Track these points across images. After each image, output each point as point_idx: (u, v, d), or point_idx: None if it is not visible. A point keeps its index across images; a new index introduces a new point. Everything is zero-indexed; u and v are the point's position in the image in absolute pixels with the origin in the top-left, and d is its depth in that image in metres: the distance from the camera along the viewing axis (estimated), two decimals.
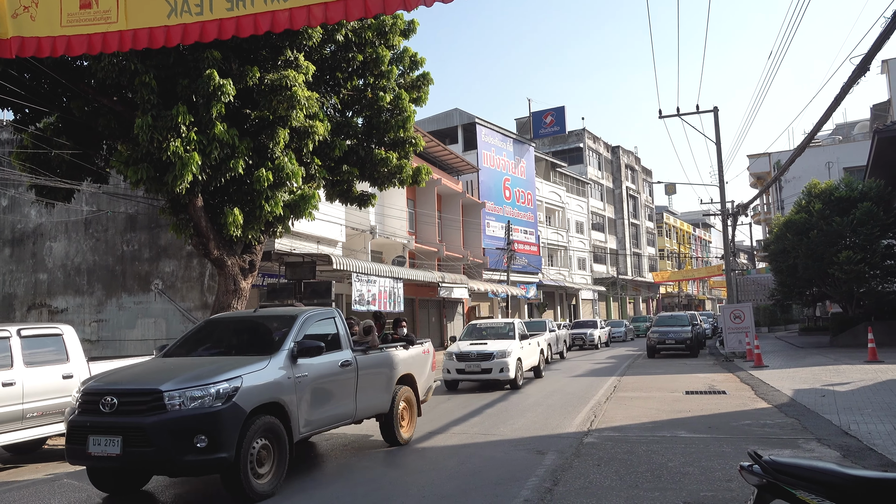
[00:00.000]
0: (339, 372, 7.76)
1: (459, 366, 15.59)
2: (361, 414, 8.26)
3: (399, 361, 9.14)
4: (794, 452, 7.57)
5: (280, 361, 6.89)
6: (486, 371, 15.21)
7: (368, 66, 13.77)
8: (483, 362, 15.27)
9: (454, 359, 15.74)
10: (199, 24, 4.48)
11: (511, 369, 15.17)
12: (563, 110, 54.17)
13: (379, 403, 8.59)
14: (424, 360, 10.03)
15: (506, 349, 15.48)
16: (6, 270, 21.73)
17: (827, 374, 14.69)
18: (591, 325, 33.88)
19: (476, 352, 15.57)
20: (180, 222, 12.75)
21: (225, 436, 6.02)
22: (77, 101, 12.07)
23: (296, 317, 7.74)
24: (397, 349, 9.27)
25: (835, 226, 21.50)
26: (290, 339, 7.24)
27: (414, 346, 9.79)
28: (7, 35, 4.72)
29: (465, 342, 16.65)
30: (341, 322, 8.32)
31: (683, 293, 78.10)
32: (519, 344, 16.34)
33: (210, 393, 6.10)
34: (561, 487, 6.47)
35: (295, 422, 6.86)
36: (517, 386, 15.43)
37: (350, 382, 7.93)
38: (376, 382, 8.54)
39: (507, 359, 15.25)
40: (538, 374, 18.02)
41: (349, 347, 8.14)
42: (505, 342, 16.04)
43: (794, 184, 37.39)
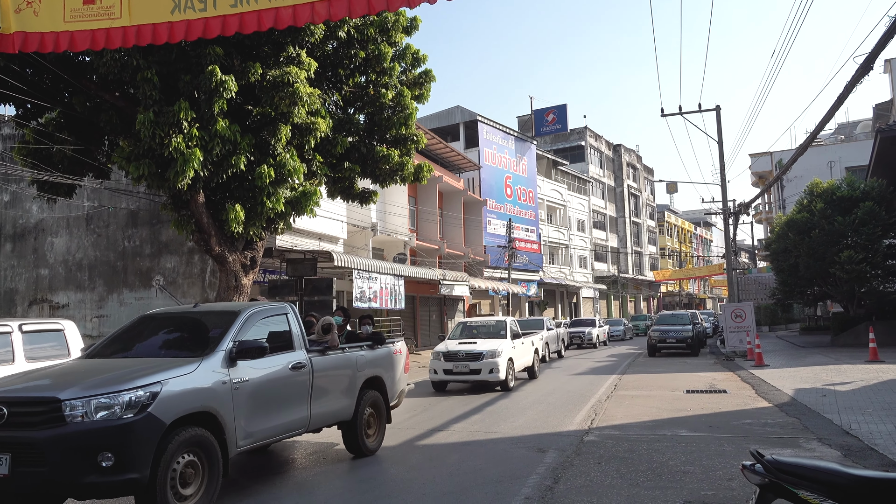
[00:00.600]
0: (290, 375, 6.93)
1: (447, 366, 14.73)
2: (318, 422, 7.47)
3: (364, 363, 8.34)
4: (795, 452, 7.57)
5: (214, 364, 6.07)
6: (475, 372, 14.41)
7: (370, 62, 13.77)
8: (471, 362, 14.46)
9: (441, 358, 14.87)
10: (202, 20, 4.47)
11: (501, 370, 14.41)
12: (564, 108, 54.13)
13: (339, 410, 7.80)
14: (395, 362, 9.17)
15: (496, 349, 14.68)
16: (7, 265, 21.75)
17: (828, 374, 14.68)
18: (590, 324, 33.10)
19: (464, 351, 14.74)
20: (182, 218, 12.75)
21: (136, 453, 5.19)
22: (79, 96, 12.07)
23: (237, 313, 6.88)
24: (363, 349, 8.49)
25: (836, 225, 21.48)
26: (227, 338, 6.39)
27: (383, 346, 8.96)
28: (10, 30, 4.72)
29: (453, 341, 15.83)
30: (295, 319, 7.47)
31: (684, 292, 78.08)
32: (511, 343, 15.61)
33: (120, 402, 5.23)
34: (562, 485, 6.47)
35: (231, 434, 6.04)
36: (508, 388, 14.64)
37: (303, 387, 7.11)
38: (336, 387, 7.76)
39: (497, 359, 14.44)
40: (532, 375, 17.22)
41: (303, 348, 7.32)
42: (495, 341, 15.25)
43: (795, 183, 37.36)
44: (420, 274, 26.30)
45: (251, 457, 8.40)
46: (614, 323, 39.57)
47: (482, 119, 40.27)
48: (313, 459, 8.31)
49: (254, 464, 8.17)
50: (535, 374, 17.30)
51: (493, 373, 14.30)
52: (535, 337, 18.55)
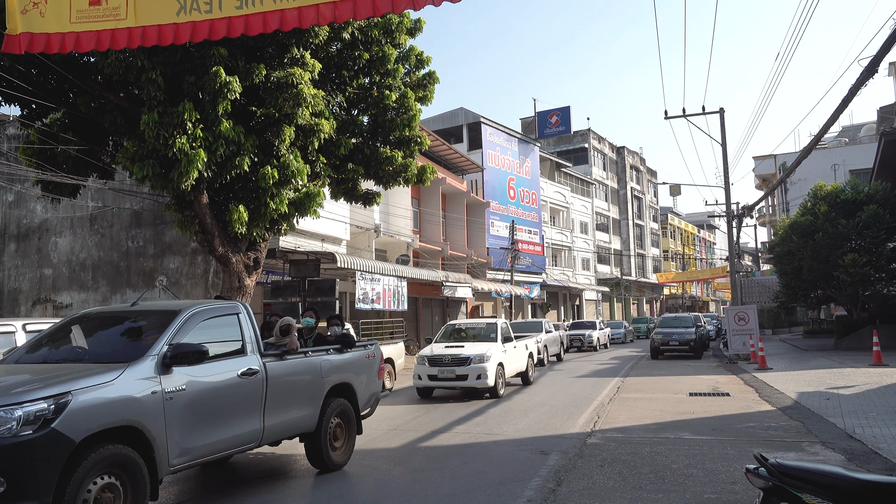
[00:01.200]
0: (238, 383, 6.20)
1: (431, 371, 13.83)
2: (274, 434, 6.76)
3: (331, 368, 7.63)
4: (798, 455, 7.55)
5: (143, 370, 5.35)
6: (462, 378, 13.55)
7: (374, 64, 13.79)
8: (458, 367, 13.60)
9: (426, 363, 13.99)
10: (208, 21, 4.49)
11: (490, 376, 13.53)
12: (568, 110, 54.13)
13: (300, 420, 7.07)
14: (367, 367, 8.46)
15: (484, 353, 13.76)
16: (11, 265, 21.81)
17: (831, 377, 14.65)
18: (590, 326, 32.44)
19: (450, 356, 13.84)
20: (185, 219, 12.78)
21: (35, 476, 4.45)
22: (84, 97, 12.11)
23: (177, 312, 6.10)
24: (329, 353, 7.79)
25: (840, 228, 21.43)
26: (161, 341, 5.66)
27: (353, 350, 8.25)
28: (16, 31, 4.74)
29: (439, 345, 14.88)
30: (247, 320, 6.71)
31: (687, 294, 77.99)
32: (501, 347, 14.69)
33: (15, 417, 4.47)
34: (564, 488, 6.47)
35: (161, 451, 5.32)
36: (497, 395, 13.79)
37: (254, 396, 6.39)
38: (295, 395, 7.01)
39: (485, 364, 13.57)
40: (526, 381, 16.36)
41: (256, 352, 6.58)
42: (484, 345, 14.34)
43: (799, 186, 37.32)
44: (423, 275, 26.30)
45: (255, 458, 8.40)
46: (615, 325, 39.05)
47: (486, 121, 40.28)
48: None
49: (254, 468, 8.17)
50: (529, 380, 16.46)
51: (480, 379, 13.47)
52: (530, 340, 17.65)
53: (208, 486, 7.24)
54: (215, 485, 7.31)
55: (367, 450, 8.87)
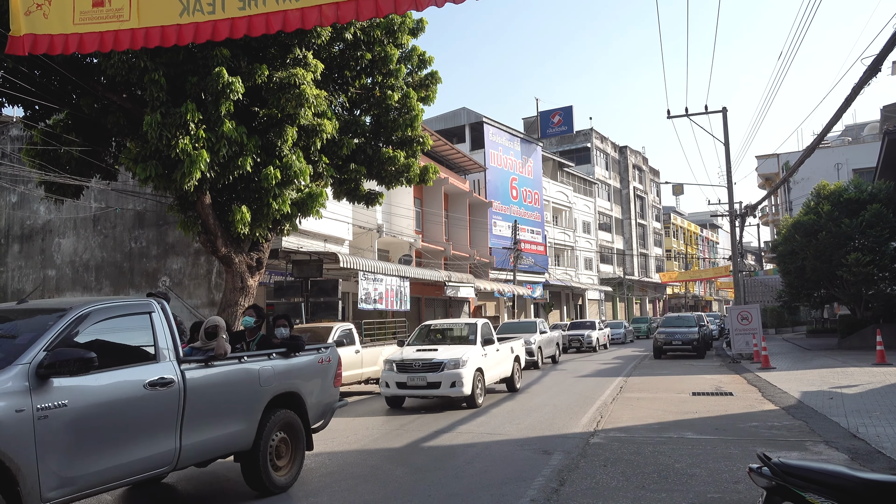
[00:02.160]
0: (144, 396, 5.18)
1: (400, 378, 12.41)
2: (195, 455, 5.78)
3: (272, 376, 6.63)
4: (801, 455, 7.54)
5: (6, 382, 4.36)
6: (433, 385, 12.17)
7: (377, 64, 13.81)
8: (429, 374, 12.19)
9: (394, 369, 12.56)
10: (211, 22, 4.50)
11: (466, 383, 12.14)
12: (570, 110, 54.11)
13: (231, 437, 6.10)
14: (319, 373, 7.49)
15: (460, 357, 12.38)
16: (15, 266, 21.86)
17: (835, 377, 14.62)
18: (590, 327, 31.48)
19: (421, 361, 12.44)
20: (188, 220, 12.80)
21: None
22: (87, 98, 12.15)
23: (65, 311, 5.11)
24: (272, 358, 6.78)
25: (844, 227, 21.40)
26: (37, 346, 4.66)
27: (303, 354, 7.26)
28: (20, 32, 4.75)
29: (410, 348, 13.50)
30: (163, 320, 5.72)
31: (690, 294, 77.91)
32: (481, 350, 13.29)
33: None
34: (567, 488, 6.46)
35: (29, 484, 4.31)
36: (475, 405, 12.41)
37: (167, 410, 5.40)
38: (224, 407, 6.03)
39: (460, 370, 12.16)
40: (512, 388, 14.91)
41: (173, 358, 5.59)
42: (461, 349, 12.96)
43: (802, 185, 37.25)
44: (425, 275, 26.32)
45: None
46: (614, 325, 38.18)
47: (488, 121, 40.28)
48: (318, 460, 8.32)
49: None
50: (515, 387, 14.95)
51: (455, 387, 12.08)
52: (516, 342, 16.06)
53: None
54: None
55: (370, 449, 8.88)
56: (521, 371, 15.73)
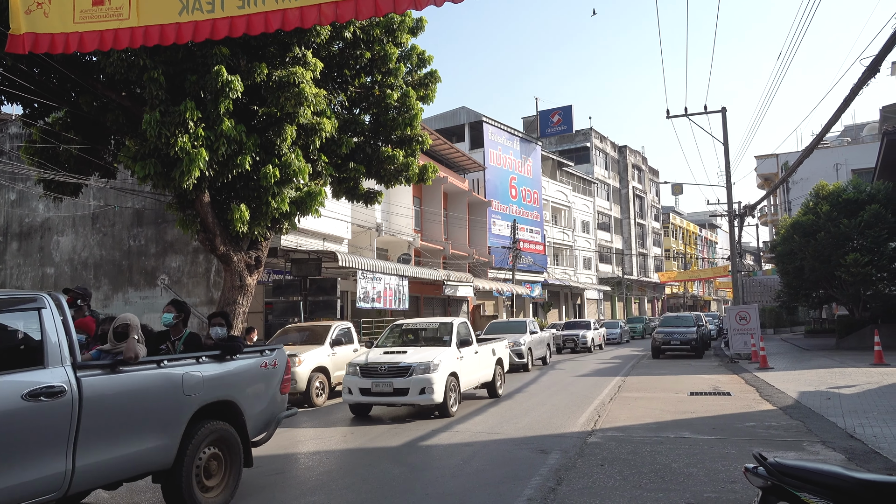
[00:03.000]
0: (23, 409, 4.33)
1: (364, 384, 11.25)
2: (95, 478, 4.90)
3: (199, 382, 5.75)
4: (798, 455, 7.56)
5: None
6: (401, 392, 11.03)
7: (376, 63, 13.81)
8: (396, 379, 11.05)
9: (358, 373, 11.41)
10: (210, 21, 4.51)
11: (437, 390, 10.99)
12: (570, 109, 54.15)
13: (145, 455, 5.25)
14: (262, 379, 6.65)
15: (431, 360, 11.19)
16: (14, 264, 21.85)
17: (832, 377, 14.65)
18: (584, 326, 30.47)
19: (387, 364, 11.26)
20: (187, 218, 12.81)
21: None
22: (86, 96, 12.15)
23: None
24: (201, 362, 5.87)
25: (842, 228, 21.42)
26: None
27: (241, 357, 6.40)
28: (20, 31, 4.76)
29: (378, 350, 12.37)
30: (55, 318, 4.78)
31: (689, 294, 77.96)
32: (456, 353, 12.10)
33: None
34: (564, 487, 6.48)
35: None
36: (447, 413, 11.27)
37: (55, 425, 4.53)
38: (135, 420, 5.20)
39: (430, 375, 11.03)
40: (493, 393, 13.76)
41: (66, 363, 4.69)
42: (433, 350, 11.80)
43: (801, 185, 37.28)
44: (424, 274, 26.33)
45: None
46: (610, 325, 37.40)
47: (487, 120, 40.29)
48: (317, 458, 8.33)
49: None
50: (496, 392, 13.79)
51: (425, 393, 10.95)
52: (499, 344, 14.76)
53: None
54: None
55: (367, 448, 8.89)
56: (503, 375, 14.51)
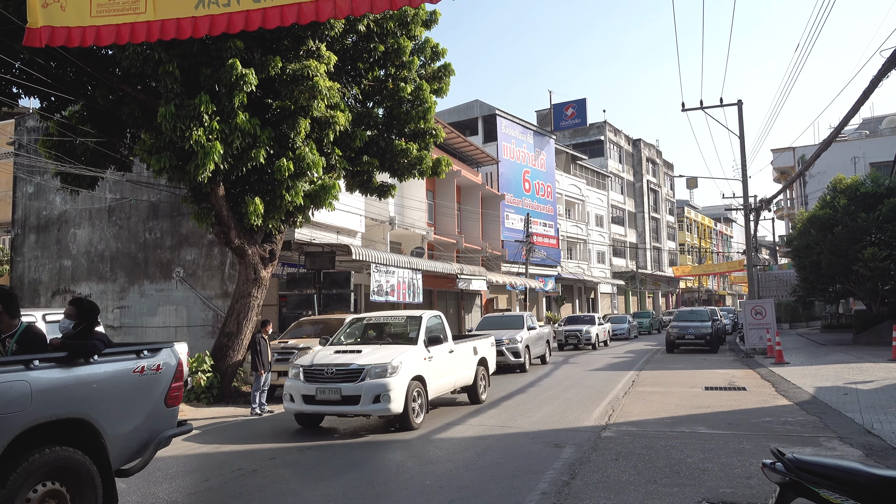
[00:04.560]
0: None
1: (307, 389, 9.43)
2: None
3: (26, 396, 4.35)
4: (815, 451, 7.50)
5: None
6: (350, 400, 9.18)
7: (390, 56, 13.79)
8: (345, 384, 9.21)
9: (301, 377, 9.64)
10: (226, 15, 4.51)
11: (395, 397, 9.18)
12: (584, 102, 53.84)
13: None
14: (134, 390, 5.33)
15: (389, 362, 9.37)
16: (32, 256, 22.09)
17: (850, 372, 14.52)
18: (588, 321, 28.14)
19: (335, 367, 9.45)
20: (202, 211, 12.87)
21: None
22: (102, 89, 12.23)
23: None
24: (33, 367, 4.49)
25: (860, 222, 21.19)
26: None
27: (102, 361, 5.07)
28: (37, 24, 4.79)
29: (329, 349, 10.47)
30: None
31: (703, 288, 77.50)
32: (423, 352, 10.29)
33: None
34: (578, 481, 6.47)
35: None
36: (410, 426, 9.53)
37: None
38: None
39: (386, 380, 9.18)
40: (475, 399, 12.15)
41: None
42: (394, 349, 10.01)
43: (818, 179, 36.89)
44: (437, 268, 26.34)
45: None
46: (617, 320, 35.26)
47: (501, 113, 40.15)
48: (328, 452, 8.37)
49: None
50: (478, 398, 12.18)
51: (380, 402, 9.12)
52: (482, 341, 12.98)
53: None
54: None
55: (381, 441, 8.92)
56: (488, 377, 12.88)
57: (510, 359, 17.68)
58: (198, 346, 16.14)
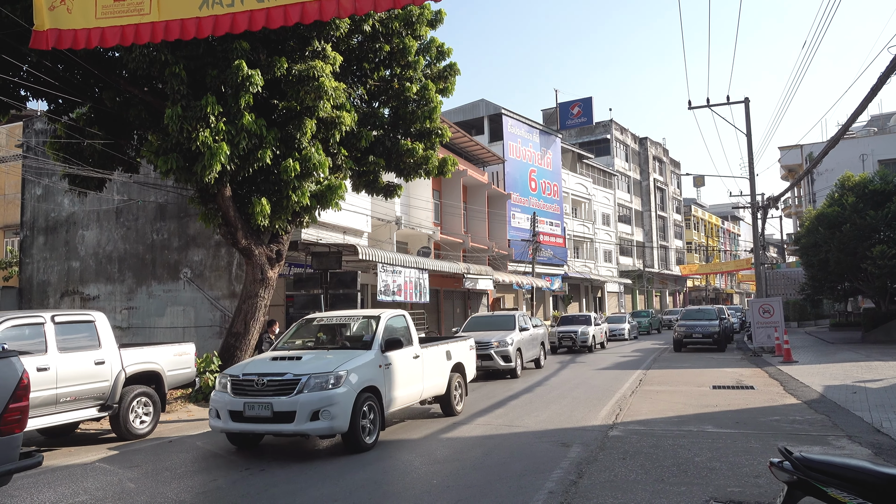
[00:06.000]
0: None
1: (235, 405, 7.96)
2: None
3: None
4: (824, 449, 7.46)
5: None
6: (283, 417, 7.73)
7: (395, 56, 13.80)
8: (276, 398, 7.78)
9: (227, 389, 8.17)
10: (230, 15, 4.52)
11: (338, 413, 7.76)
12: (590, 101, 53.74)
13: None
14: None
15: (332, 371, 7.96)
16: (40, 258, 22.21)
17: (858, 371, 14.44)
18: (583, 322, 26.31)
19: (267, 377, 8.00)
20: (209, 212, 12.91)
21: None
22: (109, 91, 12.28)
23: None
24: None
25: (868, 219, 21.07)
26: None
27: None
28: (44, 27, 4.81)
29: (266, 355, 9.17)
30: None
31: (711, 287, 77.22)
32: (379, 358, 8.76)
33: None
34: (586, 480, 6.45)
35: None
36: (360, 446, 8.10)
37: None
38: None
39: (329, 391, 7.77)
40: (449, 411, 10.74)
41: None
42: (341, 356, 8.54)
43: (826, 176, 36.72)
44: (444, 267, 26.33)
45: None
46: (615, 320, 33.68)
47: (507, 112, 40.11)
48: (335, 451, 8.37)
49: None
50: (452, 410, 10.77)
51: (319, 419, 7.70)
52: (457, 345, 11.44)
53: None
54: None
55: (388, 441, 8.92)
56: (465, 385, 11.41)
57: (499, 363, 16.00)
58: (206, 347, 16.19)
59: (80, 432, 10.37)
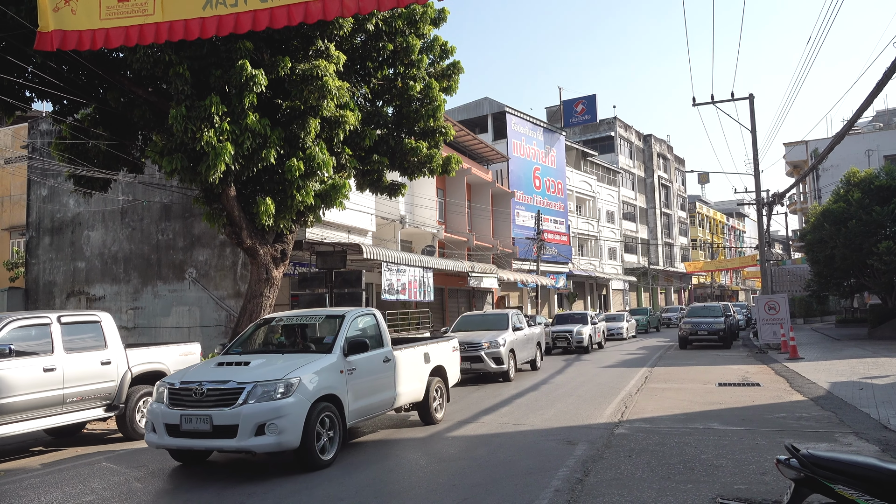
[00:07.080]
0: None
1: (170, 417, 7.05)
2: None
3: None
4: (830, 446, 7.44)
5: None
6: (224, 432, 6.82)
7: (399, 55, 13.79)
8: (217, 411, 6.86)
9: (164, 399, 7.24)
10: (233, 15, 4.53)
11: (288, 426, 6.84)
12: (594, 98, 53.63)
13: None
14: None
15: (279, 379, 7.02)
16: (46, 259, 22.30)
17: (865, 367, 14.39)
18: (579, 321, 24.99)
19: (207, 385, 7.07)
20: (214, 212, 12.94)
21: None
22: (113, 92, 12.31)
23: None
24: None
25: (874, 215, 21.01)
26: None
27: None
28: (48, 28, 4.82)
29: (213, 360, 8.19)
30: None
31: (716, 284, 77.05)
32: (340, 364, 7.79)
33: None
34: (592, 478, 6.45)
35: None
36: (316, 463, 7.20)
37: None
38: None
39: (277, 402, 6.86)
40: (428, 419, 9.85)
41: None
42: (295, 360, 7.55)
43: (832, 172, 36.60)
44: (448, 266, 26.34)
45: None
46: (612, 318, 32.64)
47: (510, 110, 40.08)
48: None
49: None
50: (432, 418, 9.85)
51: (266, 434, 6.78)
52: (437, 346, 10.46)
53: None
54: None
55: (394, 440, 8.93)
56: (446, 391, 10.50)
57: (490, 366, 14.88)
58: (211, 347, 16.23)
59: (87, 432, 10.41)
